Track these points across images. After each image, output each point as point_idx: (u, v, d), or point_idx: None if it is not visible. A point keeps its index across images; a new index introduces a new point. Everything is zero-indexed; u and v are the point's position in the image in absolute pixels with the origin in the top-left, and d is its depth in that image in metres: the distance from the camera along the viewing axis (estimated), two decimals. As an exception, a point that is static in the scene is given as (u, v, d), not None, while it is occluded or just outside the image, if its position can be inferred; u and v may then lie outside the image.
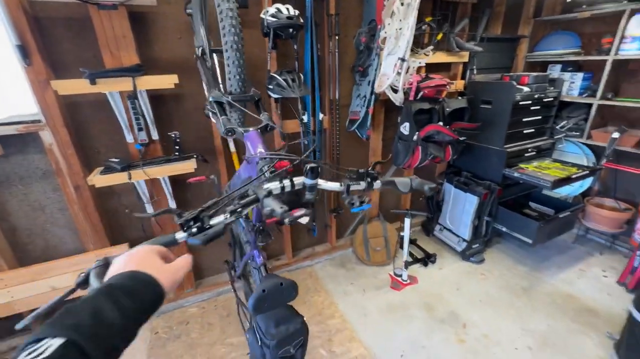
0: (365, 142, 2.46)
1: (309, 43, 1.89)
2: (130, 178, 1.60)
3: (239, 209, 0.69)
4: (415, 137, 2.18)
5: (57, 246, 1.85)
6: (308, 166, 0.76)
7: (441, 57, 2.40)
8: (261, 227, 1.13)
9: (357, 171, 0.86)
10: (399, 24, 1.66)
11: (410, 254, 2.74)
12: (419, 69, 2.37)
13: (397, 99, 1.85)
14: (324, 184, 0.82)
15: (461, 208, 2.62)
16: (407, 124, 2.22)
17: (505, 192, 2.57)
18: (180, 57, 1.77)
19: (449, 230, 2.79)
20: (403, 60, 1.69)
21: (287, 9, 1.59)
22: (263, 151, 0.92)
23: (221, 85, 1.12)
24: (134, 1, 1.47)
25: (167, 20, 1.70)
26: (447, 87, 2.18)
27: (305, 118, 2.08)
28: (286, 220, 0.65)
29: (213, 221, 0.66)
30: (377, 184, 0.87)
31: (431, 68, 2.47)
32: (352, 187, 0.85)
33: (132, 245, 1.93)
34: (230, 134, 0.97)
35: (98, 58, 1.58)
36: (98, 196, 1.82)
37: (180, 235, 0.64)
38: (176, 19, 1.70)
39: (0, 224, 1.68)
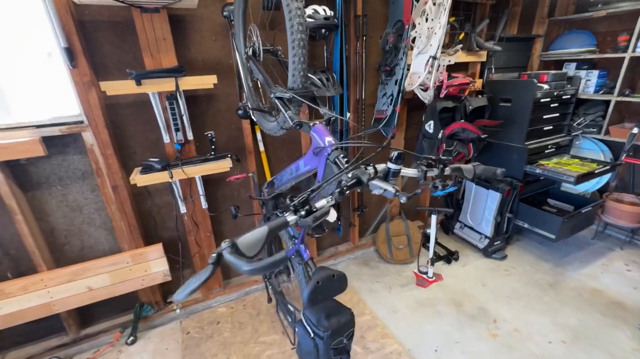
0: (387, 140, 2.49)
1: (339, 44, 1.92)
2: (172, 177, 1.62)
3: (345, 191, 0.73)
4: (440, 135, 2.21)
5: (92, 246, 1.87)
6: (395, 152, 0.79)
7: (462, 57, 2.44)
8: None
9: (429, 158, 0.89)
10: (430, 23, 1.70)
11: (434, 251, 2.76)
12: (441, 69, 2.41)
13: (427, 97, 1.88)
14: (405, 170, 0.84)
15: (483, 205, 2.65)
16: (431, 122, 2.25)
17: (525, 189, 2.60)
18: (215, 58, 1.81)
19: (470, 227, 2.82)
20: (435, 58, 1.72)
21: (324, 9, 1.63)
22: (333, 141, 0.94)
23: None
24: (175, 4, 1.51)
25: (204, 22, 1.73)
26: (470, 85, 2.23)
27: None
28: (403, 199, 0.69)
29: (318, 204, 0.69)
30: (448, 169, 0.91)
31: (451, 68, 2.51)
32: (428, 174, 0.88)
33: (166, 245, 1.95)
34: (299, 126, 0.99)
35: (138, 60, 1.62)
36: (134, 196, 1.84)
37: (292, 217, 0.66)
38: (212, 21, 1.74)
39: (40, 224, 1.70)
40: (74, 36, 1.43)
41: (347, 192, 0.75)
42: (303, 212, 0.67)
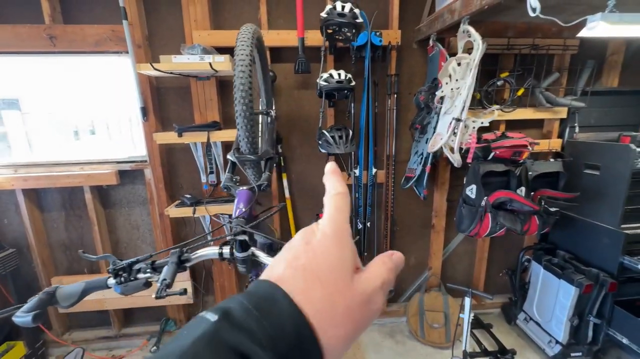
0: (426, 201, 2.26)
1: (365, 101, 1.95)
2: (194, 213, 1.88)
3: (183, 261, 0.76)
4: (483, 203, 1.89)
5: (142, 259, 2.27)
6: (237, 239, 0.76)
7: (526, 114, 2.09)
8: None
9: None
10: (455, 84, 1.56)
11: (479, 343, 2.23)
12: (494, 127, 2.12)
13: (455, 159, 1.67)
14: (262, 257, 0.78)
15: (552, 298, 2.04)
16: (473, 187, 1.95)
17: (623, 289, 1.89)
18: (252, 114, 2.08)
19: (537, 323, 2.18)
20: (458, 120, 1.55)
21: (339, 74, 1.71)
22: (242, 208, 0.96)
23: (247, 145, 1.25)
24: (219, 73, 1.85)
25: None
26: (529, 147, 1.86)
27: (357, 172, 2.08)
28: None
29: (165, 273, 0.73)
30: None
31: (515, 125, 2.17)
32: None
33: (193, 271, 2.21)
34: (226, 189, 1.06)
35: (191, 116, 2.01)
36: (175, 224, 2.19)
37: (111, 281, 0.73)
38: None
39: (110, 236, 2.20)
40: (148, 99, 1.92)
41: (188, 265, 0.76)
42: (122, 278, 0.71)
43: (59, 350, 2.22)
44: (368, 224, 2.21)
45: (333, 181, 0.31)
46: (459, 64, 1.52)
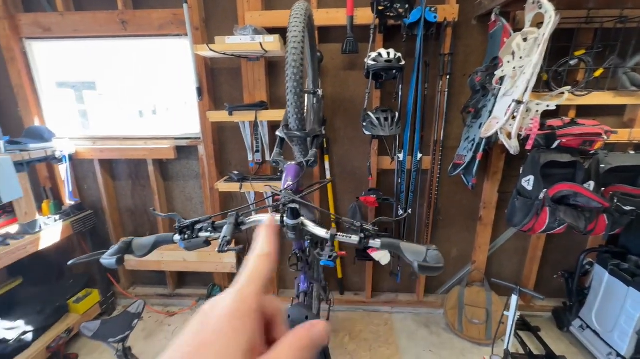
0: (474, 191, 2.12)
1: (414, 83, 1.86)
2: (240, 188, 2.00)
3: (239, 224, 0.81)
4: (541, 196, 1.73)
5: (193, 229, 2.49)
6: (288, 206, 0.78)
7: (604, 98, 1.83)
8: (297, 255, 1.19)
9: (352, 222, 0.78)
10: (519, 62, 1.41)
11: (523, 344, 2.10)
12: (561, 113, 1.90)
13: (512, 146, 1.54)
14: (311, 226, 0.80)
15: (618, 307, 1.83)
16: (531, 178, 1.79)
17: None
18: (298, 95, 2.11)
19: (595, 332, 1.98)
20: (519, 102, 1.41)
21: (388, 53, 1.65)
22: (290, 182, 0.99)
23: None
24: (268, 54, 1.89)
25: (293, 66, 2.07)
26: (604, 137, 1.64)
27: (401, 156, 2.02)
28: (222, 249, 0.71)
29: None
30: (376, 242, 0.76)
31: (588, 111, 1.92)
32: (340, 239, 0.77)
33: (237, 243, 2.36)
34: (275, 163, 1.10)
35: (241, 96, 2.10)
36: (223, 198, 2.35)
37: (177, 237, 0.80)
38: (299, 65, 2.06)
39: (167, 205, 2.43)
40: (203, 79, 2.04)
41: (244, 228, 0.80)
42: (186, 235, 0.78)
43: (125, 301, 2.56)
44: (409, 211, 2.15)
45: (263, 237, 0.29)
46: (524, 40, 1.37)
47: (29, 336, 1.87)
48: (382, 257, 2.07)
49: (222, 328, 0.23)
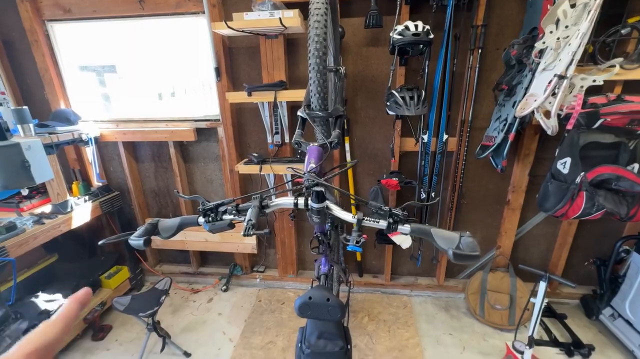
0: (502, 174, 2.02)
1: (442, 58, 1.74)
2: (260, 170, 1.99)
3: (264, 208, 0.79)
4: (579, 179, 1.62)
5: (215, 210, 2.53)
6: (314, 189, 0.74)
7: (657, 72, 1.65)
8: (319, 238, 1.17)
9: (380, 206, 0.74)
10: (563, 32, 1.28)
11: (548, 331, 2.05)
12: (606, 88, 1.73)
13: (549, 126, 1.42)
14: (336, 210, 0.77)
15: (656, 297, 1.73)
16: (567, 160, 1.67)
17: None
18: (318, 74, 2.03)
19: (628, 322, 1.89)
20: (562, 77, 1.28)
21: (416, 25, 1.53)
22: (313, 165, 0.95)
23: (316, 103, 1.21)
24: (288, 30, 1.81)
25: (313, 43, 1.99)
26: (656, 115, 1.49)
27: (425, 138, 1.94)
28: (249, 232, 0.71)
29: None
30: (405, 228, 0.72)
31: (637, 87, 1.75)
32: (367, 224, 0.74)
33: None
34: (296, 145, 1.06)
35: (259, 76, 2.05)
36: (243, 180, 2.35)
37: (201, 219, 0.81)
38: (319, 42, 1.97)
39: (189, 187, 2.47)
40: (221, 59, 1.99)
41: (268, 211, 0.78)
42: (210, 218, 0.76)
43: (152, 278, 2.68)
44: (432, 194, 2.08)
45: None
46: (572, 6, 1.23)
47: (67, 308, 1.99)
48: (404, 241, 2.04)
49: None
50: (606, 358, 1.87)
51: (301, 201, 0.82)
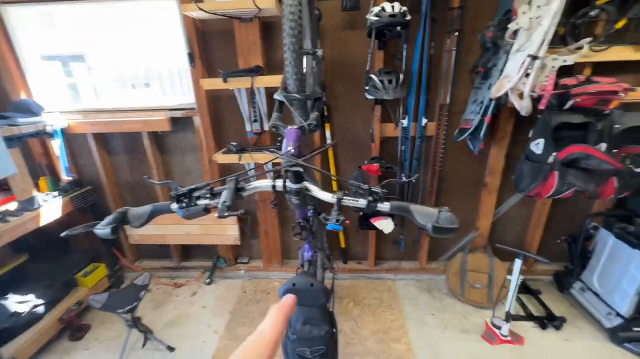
0: (479, 157, 2.06)
1: (420, 41, 1.73)
2: (240, 160, 1.94)
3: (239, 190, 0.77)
4: (551, 159, 1.67)
5: (195, 202, 2.47)
6: (291, 169, 0.73)
7: (624, 53, 1.71)
8: (301, 223, 1.16)
9: (359, 185, 0.74)
10: (535, 12, 1.29)
11: (523, 306, 2.15)
12: (576, 70, 1.79)
13: (523, 107, 1.45)
14: (315, 191, 0.75)
15: (622, 269, 1.83)
16: (540, 141, 1.72)
17: None
18: (296, 59, 1.98)
19: (595, 294, 2.01)
20: (534, 58, 1.31)
21: (392, 6, 1.51)
22: (291, 148, 0.93)
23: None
24: (263, 13, 1.75)
25: (289, 27, 1.93)
26: (621, 94, 1.55)
27: (404, 122, 1.94)
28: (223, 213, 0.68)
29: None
30: (385, 206, 0.72)
31: (605, 68, 1.80)
32: (346, 203, 0.74)
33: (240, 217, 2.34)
34: (274, 129, 1.03)
35: (235, 62, 1.98)
36: (222, 170, 2.30)
37: (174, 206, 0.78)
38: (296, 25, 1.91)
39: (166, 179, 2.39)
40: (194, 44, 1.91)
41: (245, 194, 0.76)
42: (184, 204, 0.74)
43: (132, 274, 2.60)
44: (413, 179, 2.10)
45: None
46: (544, -14, 1.25)
47: (40, 309, 1.91)
48: (386, 226, 2.06)
49: None
50: (577, 328, 1.97)
51: (279, 182, 0.80)
